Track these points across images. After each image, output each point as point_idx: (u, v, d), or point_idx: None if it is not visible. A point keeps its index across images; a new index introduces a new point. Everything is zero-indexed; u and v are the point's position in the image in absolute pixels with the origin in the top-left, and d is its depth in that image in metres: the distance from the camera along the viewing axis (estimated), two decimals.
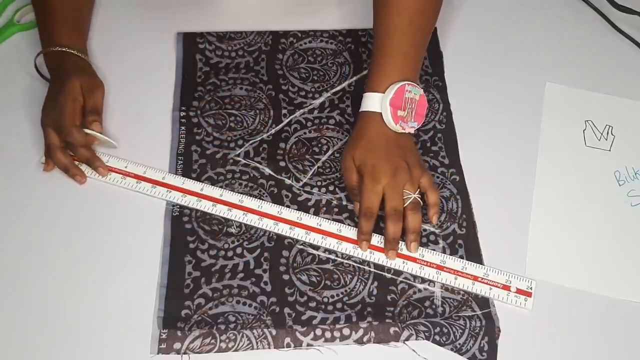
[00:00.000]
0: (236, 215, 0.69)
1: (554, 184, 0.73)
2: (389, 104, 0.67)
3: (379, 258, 0.67)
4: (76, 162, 0.71)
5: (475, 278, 0.66)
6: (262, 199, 0.71)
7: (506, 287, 0.65)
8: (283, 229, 0.68)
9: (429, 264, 0.67)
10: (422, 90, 0.70)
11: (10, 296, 0.64)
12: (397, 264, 0.67)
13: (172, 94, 0.78)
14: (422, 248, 0.68)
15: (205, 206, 0.69)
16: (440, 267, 0.66)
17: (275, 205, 0.70)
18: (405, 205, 0.67)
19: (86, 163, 0.71)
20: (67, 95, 0.70)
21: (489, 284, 0.66)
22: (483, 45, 0.84)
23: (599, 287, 0.67)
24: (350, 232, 0.68)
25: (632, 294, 0.66)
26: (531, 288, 0.65)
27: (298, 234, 0.68)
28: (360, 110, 0.71)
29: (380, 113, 0.68)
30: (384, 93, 0.68)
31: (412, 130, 0.69)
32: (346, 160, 0.69)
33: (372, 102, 0.69)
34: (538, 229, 0.70)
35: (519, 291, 0.65)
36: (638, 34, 0.85)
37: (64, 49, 0.73)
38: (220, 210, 0.69)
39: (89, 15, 0.82)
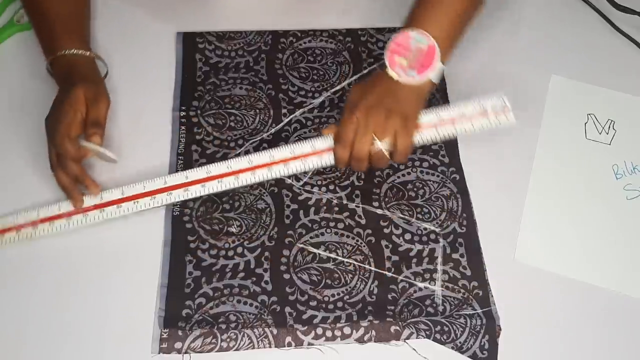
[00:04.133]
0: (227, 184, 0.67)
1: (551, 174, 0.73)
2: (388, 48, 0.66)
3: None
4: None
5: (452, 120, 0.67)
6: (262, 199, 0.71)
7: (484, 114, 0.67)
8: (262, 174, 0.67)
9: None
10: (435, 42, 0.65)
11: (10, 296, 0.64)
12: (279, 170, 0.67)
13: (172, 94, 0.78)
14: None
15: (196, 191, 0.67)
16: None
17: (244, 156, 0.68)
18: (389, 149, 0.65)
19: (75, 179, 0.67)
20: (68, 104, 0.67)
21: (470, 122, 0.67)
22: (483, 44, 0.84)
23: (593, 279, 0.67)
24: (325, 143, 0.67)
25: (625, 286, 0.67)
26: (505, 104, 0.67)
27: (278, 170, 0.67)
28: None
29: None
30: None
31: (410, 81, 0.65)
32: (352, 94, 0.68)
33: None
34: (531, 218, 0.70)
35: (497, 113, 0.67)
36: (638, 34, 0.85)
37: (72, 51, 0.71)
38: (212, 186, 0.67)
39: (87, 19, 0.79)
